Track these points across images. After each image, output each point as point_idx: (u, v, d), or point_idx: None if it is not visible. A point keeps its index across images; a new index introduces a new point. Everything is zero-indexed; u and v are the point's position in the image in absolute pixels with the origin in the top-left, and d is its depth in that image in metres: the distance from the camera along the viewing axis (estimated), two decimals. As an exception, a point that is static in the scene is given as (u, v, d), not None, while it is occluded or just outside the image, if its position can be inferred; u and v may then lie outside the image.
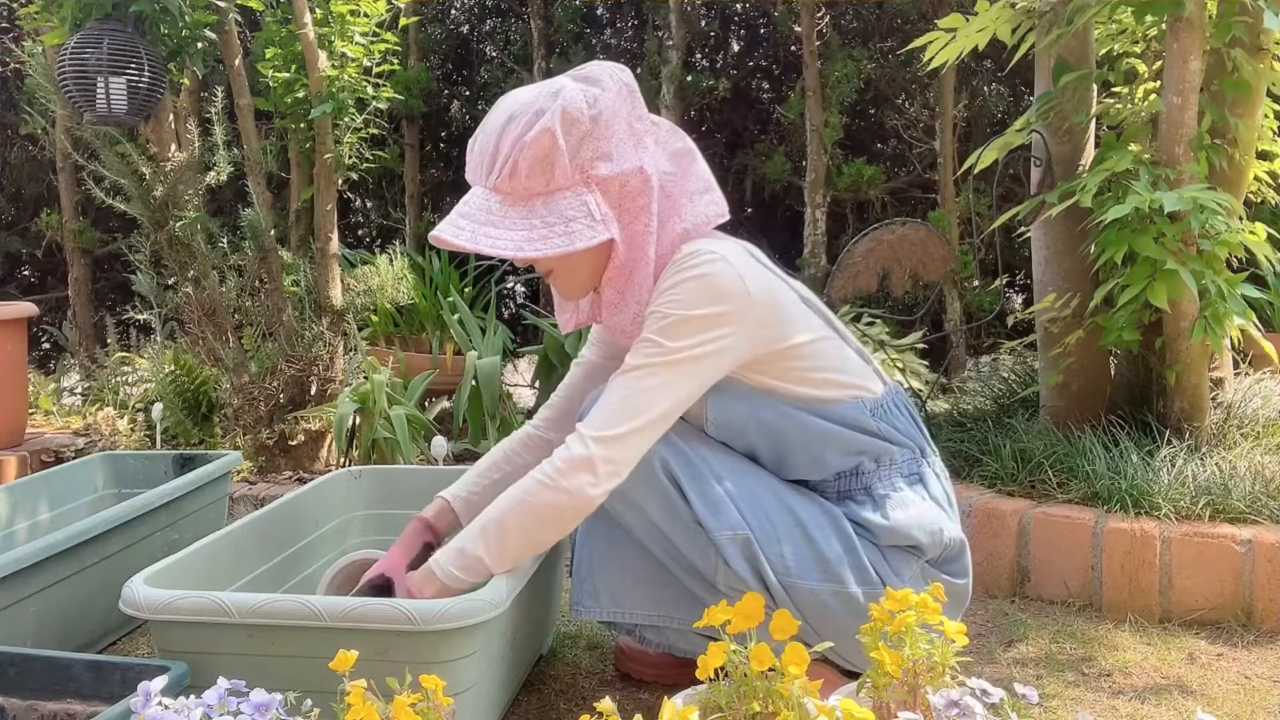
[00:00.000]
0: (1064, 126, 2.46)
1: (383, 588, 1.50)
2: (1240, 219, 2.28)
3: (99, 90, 2.76)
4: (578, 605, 1.60)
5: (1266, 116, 2.41)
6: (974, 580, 2.18)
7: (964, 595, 1.56)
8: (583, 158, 1.42)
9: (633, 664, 1.73)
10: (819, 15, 4.62)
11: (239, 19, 3.15)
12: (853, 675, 1.52)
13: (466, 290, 3.88)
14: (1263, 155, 2.51)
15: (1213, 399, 2.35)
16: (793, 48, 4.91)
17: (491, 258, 4.34)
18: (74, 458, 2.75)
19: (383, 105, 3.19)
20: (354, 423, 2.96)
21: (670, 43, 4.79)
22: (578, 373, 1.75)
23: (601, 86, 1.44)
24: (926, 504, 1.50)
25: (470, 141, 1.48)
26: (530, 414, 3.57)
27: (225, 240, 3.09)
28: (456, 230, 1.41)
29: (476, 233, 1.40)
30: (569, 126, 1.40)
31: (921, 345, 3.75)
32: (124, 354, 3.91)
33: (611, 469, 1.38)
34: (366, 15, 3.10)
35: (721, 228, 1.55)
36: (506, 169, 1.40)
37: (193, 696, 1.01)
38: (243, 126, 3.14)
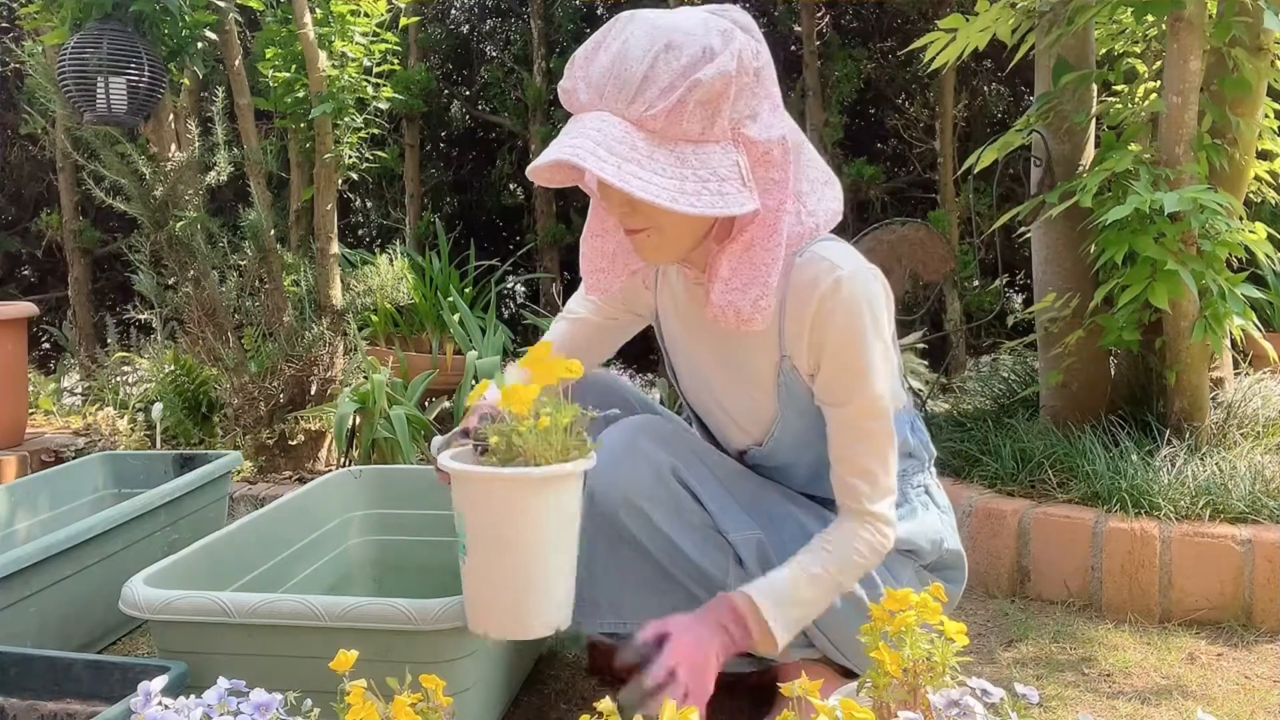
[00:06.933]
0: (1064, 126, 2.46)
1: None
2: (1240, 219, 2.28)
3: (99, 90, 2.76)
4: (577, 618, 1.60)
5: (1267, 116, 2.41)
6: (974, 580, 2.19)
7: (953, 604, 1.57)
8: (737, 113, 1.24)
9: (606, 662, 1.71)
10: (819, 15, 4.62)
11: (239, 19, 3.15)
12: (851, 676, 1.52)
13: (466, 290, 3.88)
14: (1263, 155, 2.51)
15: (1213, 399, 2.35)
16: (793, 48, 4.90)
17: (492, 257, 4.35)
18: (74, 458, 2.75)
19: (383, 105, 3.19)
20: (354, 423, 2.96)
21: (670, 43, 4.78)
22: (576, 330, 1.62)
23: (758, 39, 1.27)
24: (930, 513, 1.52)
25: (586, 55, 1.27)
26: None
27: (225, 240, 3.09)
28: (600, 161, 1.19)
29: (623, 169, 1.19)
30: (739, 75, 1.22)
31: (921, 345, 3.75)
32: (124, 354, 3.91)
33: (891, 514, 1.39)
34: (366, 15, 3.10)
35: None
36: (670, 103, 1.20)
37: (193, 696, 1.01)
38: (243, 126, 3.14)
